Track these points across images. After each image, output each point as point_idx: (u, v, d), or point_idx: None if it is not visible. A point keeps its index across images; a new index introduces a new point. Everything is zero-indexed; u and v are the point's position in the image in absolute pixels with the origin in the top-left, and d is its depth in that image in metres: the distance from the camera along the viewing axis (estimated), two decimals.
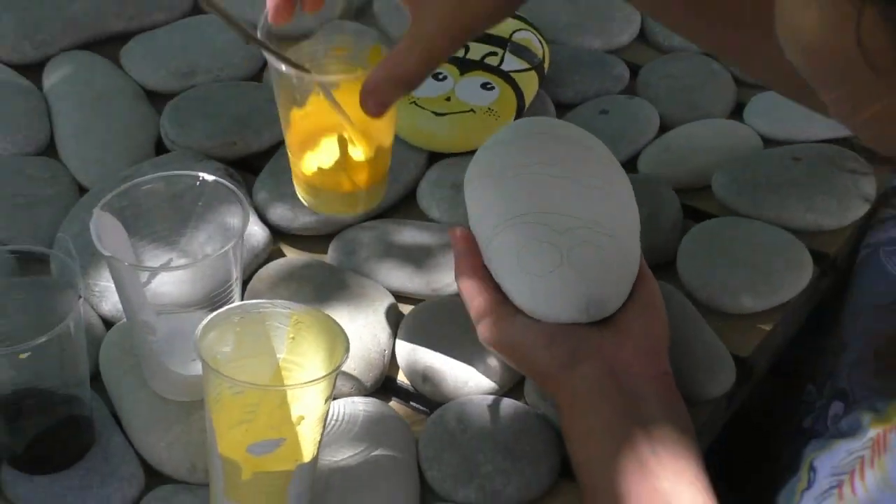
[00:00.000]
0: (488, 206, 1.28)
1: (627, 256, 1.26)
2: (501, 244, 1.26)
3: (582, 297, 1.23)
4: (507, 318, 1.24)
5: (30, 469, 1.22)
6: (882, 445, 0.86)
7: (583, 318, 1.24)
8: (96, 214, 1.22)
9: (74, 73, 1.54)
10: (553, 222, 1.25)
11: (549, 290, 1.24)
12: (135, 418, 1.26)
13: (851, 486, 0.85)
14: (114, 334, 1.32)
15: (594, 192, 1.28)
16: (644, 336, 1.24)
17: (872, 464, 0.85)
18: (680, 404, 1.22)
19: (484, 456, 1.24)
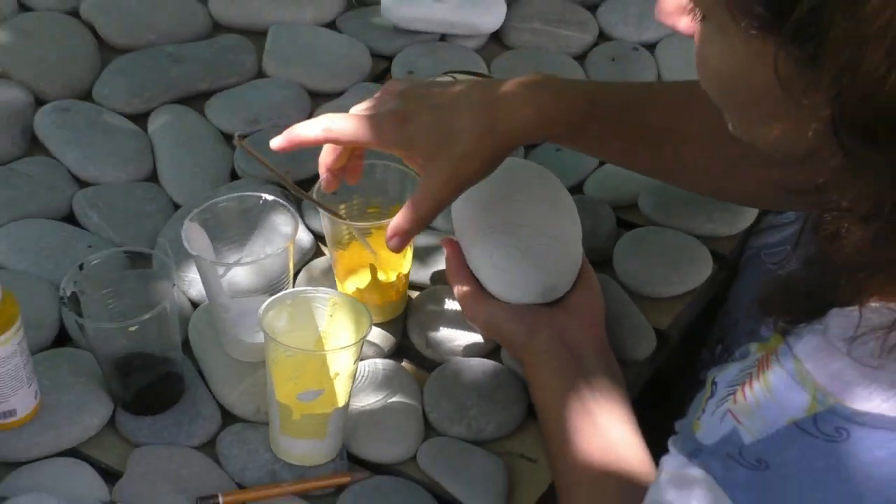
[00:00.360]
0: (468, 221, 1.29)
1: (572, 255, 1.28)
2: (478, 248, 1.27)
3: (538, 285, 1.25)
4: (484, 302, 1.26)
5: (137, 412, 1.23)
6: (765, 364, 0.86)
7: (539, 300, 1.26)
8: (186, 224, 1.24)
9: (171, 121, 1.54)
10: (516, 232, 1.26)
11: (514, 280, 1.25)
12: (214, 374, 1.27)
13: (743, 393, 0.86)
14: (199, 313, 1.32)
15: (547, 209, 1.29)
16: (585, 312, 1.25)
17: (758, 377, 0.86)
18: (613, 362, 1.23)
19: (471, 402, 1.25)
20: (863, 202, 0.77)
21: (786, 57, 0.79)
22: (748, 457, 0.83)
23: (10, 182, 1.45)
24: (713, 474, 0.83)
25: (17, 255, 1.37)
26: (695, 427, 0.88)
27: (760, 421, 0.84)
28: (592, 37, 1.70)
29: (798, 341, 0.85)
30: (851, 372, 0.82)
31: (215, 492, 1.16)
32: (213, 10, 1.70)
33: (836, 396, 0.82)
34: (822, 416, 0.81)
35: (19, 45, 1.63)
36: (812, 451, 0.81)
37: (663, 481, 0.88)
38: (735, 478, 0.82)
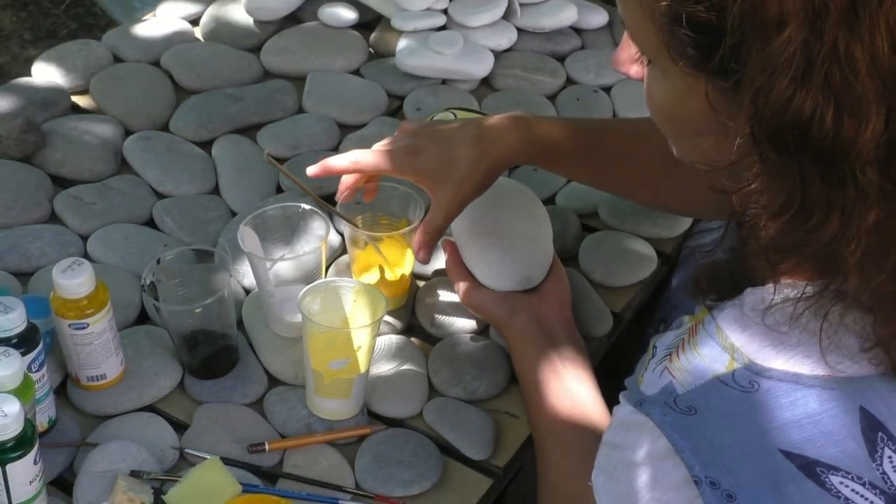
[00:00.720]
0: (463, 227, 1.27)
1: (545, 252, 1.26)
2: (471, 248, 1.26)
3: (518, 276, 1.24)
4: (475, 289, 1.25)
5: (201, 376, 1.22)
6: (694, 331, 0.87)
7: (518, 288, 1.24)
8: (241, 228, 1.23)
9: (230, 147, 1.53)
10: (500, 235, 1.25)
11: (498, 272, 1.24)
12: (262, 347, 1.25)
13: (677, 354, 0.86)
14: (250, 298, 1.31)
15: (525, 217, 1.28)
16: (555, 297, 1.24)
17: (689, 341, 0.86)
18: (578, 337, 1.22)
19: (466, 370, 1.23)
20: (777, 198, 0.78)
21: (713, 88, 0.79)
22: (681, 404, 0.82)
23: (104, 195, 1.44)
24: (653, 419, 0.83)
25: (109, 252, 1.36)
26: (639, 381, 0.88)
27: (690, 376, 0.84)
28: (561, 81, 1.69)
29: (720, 313, 0.86)
30: (763, 336, 0.83)
31: (263, 440, 1.15)
32: (265, 60, 1.69)
33: (750, 356, 0.82)
34: (739, 372, 0.82)
35: (113, 88, 1.62)
36: (731, 400, 0.81)
37: (614, 426, 0.88)
38: (671, 420, 0.82)
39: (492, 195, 1.27)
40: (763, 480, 0.79)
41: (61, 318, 1.14)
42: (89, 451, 1.12)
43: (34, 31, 3.30)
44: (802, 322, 0.81)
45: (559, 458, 1.11)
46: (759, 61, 0.74)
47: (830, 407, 0.80)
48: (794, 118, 0.74)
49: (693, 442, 0.80)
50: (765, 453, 0.79)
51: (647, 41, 0.83)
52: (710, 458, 0.80)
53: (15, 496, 1.01)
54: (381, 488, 1.12)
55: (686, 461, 0.80)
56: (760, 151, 0.77)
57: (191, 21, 1.76)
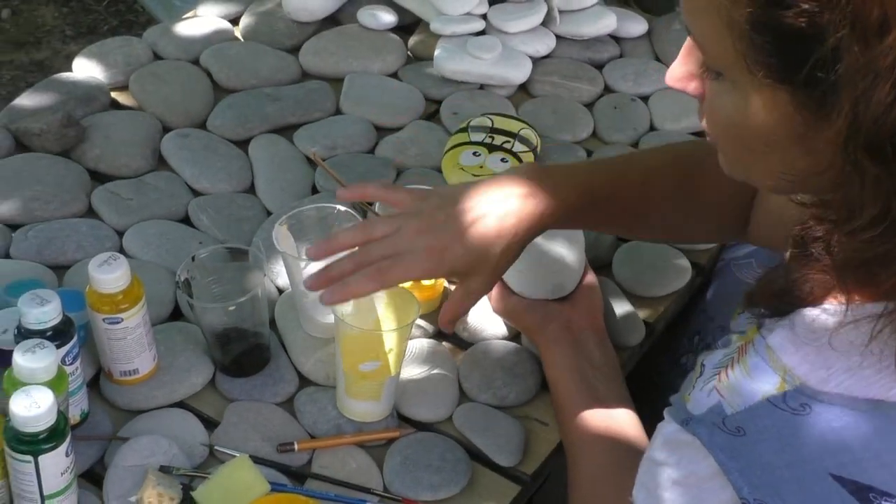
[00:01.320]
0: None
1: (578, 260, 1.25)
2: None
3: (550, 284, 1.23)
4: (507, 297, 1.24)
5: (232, 374, 1.22)
6: (744, 351, 0.85)
7: (550, 296, 1.23)
8: (276, 228, 1.23)
9: (267, 146, 1.53)
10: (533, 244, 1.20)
11: (531, 280, 1.23)
12: (293, 346, 1.25)
13: (726, 374, 0.85)
14: (283, 298, 1.30)
15: None
16: (586, 306, 1.23)
17: (739, 361, 0.85)
18: (609, 346, 1.21)
19: (496, 375, 1.23)
20: (870, 209, 0.75)
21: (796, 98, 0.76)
22: (729, 425, 0.81)
23: (141, 191, 1.45)
24: (700, 438, 0.82)
25: (144, 248, 1.36)
26: (686, 400, 0.87)
27: (739, 396, 0.82)
28: (599, 89, 1.68)
29: (770, 333, 0.84)
30: (815, 359, 0.81)
31: (292, 440, 1.15)
32: (303, 61, 1.69)
33: (801, 378, 0.80)
34: (789, 394, 0.80)
35: (152, 85, 1.62)
36: (781, 422, 0.80)
37: (658, 443, 0.87)
38: (719, 441, 0.81)
39: None
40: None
41: (96, 313, 1.14)
42: (120, 445, 1.12)
43: (76, 26, 3.32)
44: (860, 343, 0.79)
45: (590, 468, 1.10)
46: (859, 68, 0.71)
47: (884, 432, 0.79)
48: (895, 126, 0.72)
49: (741, 463, 0.80)
50: (815, 477, 0.78)
51: (719, 52, 0.79)
52: (759, 479, 0.79)
53: (46, 487, 1.01)
54: (409, 491, 1.12)
55: (734, 482, 0.79)
56: (855, 161, 0.74)
57: (231, 20, 1.77)
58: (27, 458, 0.99)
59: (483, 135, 1.50)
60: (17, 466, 1.00)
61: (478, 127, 1.51)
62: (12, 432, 0.99)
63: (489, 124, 1.51)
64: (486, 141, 1.49)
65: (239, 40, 1.74)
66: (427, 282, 1.27)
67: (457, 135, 1.51)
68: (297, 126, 1.57)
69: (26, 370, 1.02)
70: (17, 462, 1.00)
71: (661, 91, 1.67)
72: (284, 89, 1.62)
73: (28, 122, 1.49)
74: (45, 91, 1.58)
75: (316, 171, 1.48)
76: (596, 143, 1.60)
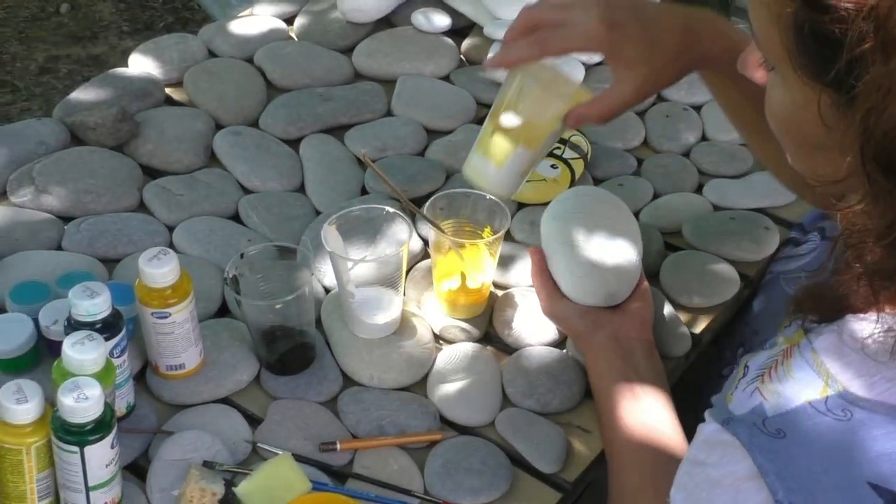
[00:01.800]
0: (553, 235, 1.26)
1: (632, 270, 1.24)
2: (558, 257, 1.24)
3: (602, 291, 1.22)
4: (558, 301, 1.23)
5: (278, 372, 1.22)
6: (789, 353, 0.85)
7: (601, 304, 1.22)
8: (325, 227, 1.23)
9: (318, 146, 1.53)
10: (589, 247, 1.23)
11: (584, 286, 1.22)
12: (339, 346, 1.25)
13: (769, 375, 0.85)
14: (330, 297, 1.31)
15: (616, 231, 1.26)
16: (637, 316, 1.22)
17: (783, 363, 0.85)
18: (657, 357, 1.20)
19: (540, 381, 1.22)
20: (882, 221, 0.76)
21: (828, 100, 0.78)
22: (770, 427, 0.81)
23: (192, 187, 1.46)
24: (740, 439, 0.82)
25: (194, 244, 1.37)
26: (728, 399, 0.87)
27: (782, 398, 0.82)
28: (651, 100, 1.67)
29: (817, 338, 0.84)
30: (860, 365, 0.81)
31: (335, 439, 1.15)
32: (356, 62, 1.70)
33: (844, 384, 0.81)
34: (832, 399, 0.80)
35: (206, 82, 1.63)
36: (822, 427, 0.80)
37: (699, 442, 0.87)
38: (758, 442, 0.81)
39: (586, 206, 1.26)
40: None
41: (145, 307, 1.15)
42: (164, 439, 1.13)
43: (132, 22, 3.35)
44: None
45: (633, 479, 1.10)
46: (876, 80, 0.73)
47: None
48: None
49: (779, 466, 0.79)
50: (853, 484, 0.78)
51: (771, 46, 0.82)
52: (796, 484, 0.79)
53: (91, 478, 1.02)
54: (450, 495, 1.11)
55: (770, 485, 0.79)
56: (867, 172, 0.75)
57: (285, 20, 1.78)
58: (73, 449, 1.00)
59: None
60: (64, 457, 1.01)
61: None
62: (59, 423, 1.00)
63: None
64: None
65: (293, 40, 1.74)
66: (473, 285, 1.27)
67: None
68: (349, 127, 1.57)
69: (75, 361, 1.03)
70: (63, 452, 1.01)
71: (713, 101, 1.65)
72: (336, 90, 1.62)
73: (83, 116, 1.50)
74: (101, 86, 1.60)
75: (366, 173, 1.48)
76: (647, 151, 1.59)
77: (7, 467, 1.02)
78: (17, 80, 3.10)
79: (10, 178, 1.43)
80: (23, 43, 3.25)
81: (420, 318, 1.29)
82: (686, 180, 1.52)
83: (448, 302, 1.29)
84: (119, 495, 1.07)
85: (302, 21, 1.76)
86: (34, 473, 1.03)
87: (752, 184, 1.50)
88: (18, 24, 3.32)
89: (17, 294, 1.22)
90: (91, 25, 3.33)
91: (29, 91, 3.06)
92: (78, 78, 3.07)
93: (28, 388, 1.01)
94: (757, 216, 1.44)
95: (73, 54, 3.21)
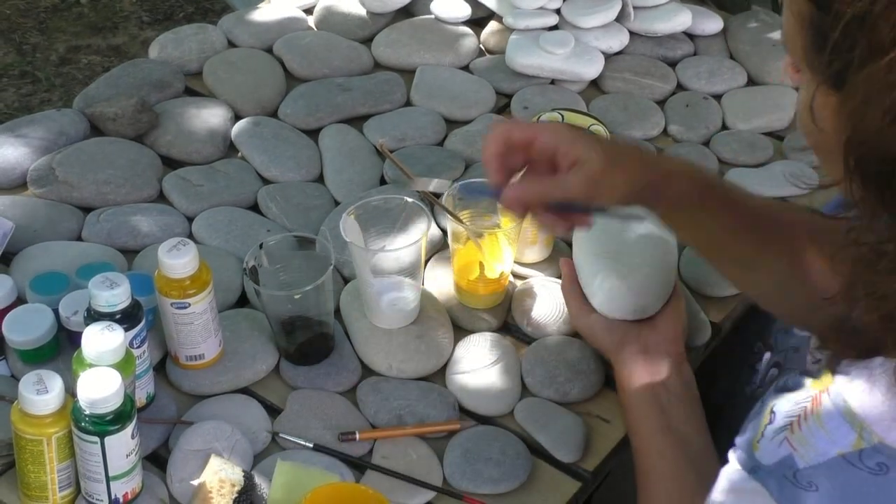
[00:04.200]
0: (584, 247, 1.26)
1: (664, 282, 1.24)
2: (588, 269, 1.24)
3: (631, 305, 1.21)
4: (587, 314, 1.23)
5: (297, 362, 1.23)
6: (818, 401, 0.82)
7: (631, 317, 1.21)
8: (343, 217, 1.23)
9: (336, 136, 1.53)
10: (620, 259, 1.23)
11: (613, 299, 1.22)
12: (358, 336, 1.25)
13: (798, 424, 0.82)
14: (349, 287, 1.31)
15: (648, 242, 1.26)
16: (669, 330, 1.20)
17: (812, 411, 0.81)
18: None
19: (559, 371, 1.22)
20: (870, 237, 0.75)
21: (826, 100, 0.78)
22: (801, 479, 0.79)
23: (211, 177, 1.46)
24: (769, 490, 0.80)
25: (213, 234, 1.38)
26: (754, 448, 0.84)
27: (813, 451, 0.80)
28: (671, 87, 1.67)
29: (847, 384, 0.81)
30: (894, 414, 0.78)
31: (354, 429, 1.15)
32: (375, 52, 1.69)
33: (879, 436, 0.78)
34: (866, 452, 0.77)
35: (225, 72, 1.64)
36: (857, 481, 0.77)
37: (725, 489, 0.85)
38: (788, 494, 0.79)
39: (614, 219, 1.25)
40: None
41: (164, 297, 1.16)
42: (184, 429, 1.14)
43: (152, 13, 3.36)
44: None
45: (661, 496, 1.08)
46: (858, 81, 0.72)
47: None
48: (882, 152, 0.72)
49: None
50: None
51: (794, 46, 0.82)
52: None
53: (112, 468, 1.03)
54: (469, 484, 1.12)
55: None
56: (852, 183, 0.74)
57: (305, 10, 1.78)
58: (94, 439, 1.01)
59: None
60: (84, 447, 1.02)
61: (548, 122, 1.50)
62: (80, 413, 1.01)
63: (559, 119, 1.50)
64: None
65: (312, 30, 1.74)
66: (492, 275, 1.27)
67: None
68: (368, 117, 1.57)
69: (95, 352, 1.04)
70: (83, 443, 1.02)
71: (734, 90, 1.65)
72: (356, 80, 1.62)
73: (103, 107, 1.51)
74: (121, 76, 1.60)
75: (385, 163, 1.48)
76: (667, 140, 1.58)
77: (28, 458, 1.03)
78: (38, 70, 3.11)
79: (30, 169, 1.44)
80: (43, 34, 3.26)
81: (439, 308, 1.29)
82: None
83: (467, 292, 1.29)
84: (139, 485, 1.07)
85: (321, 11, 1.76)
86: (55, 464, 1.04)
87: (772, 173, 1.49)
88: (39, 15, 3.33)
89: (38, 285, 1.23)
90: (111, 16, 3.34)
91: (49, 82, 3.07)
92: (98, 69, 3.07)
93: (48, 378, 1.02)
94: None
95: (94, 45, 3.22)
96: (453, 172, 1.46)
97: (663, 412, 1.12)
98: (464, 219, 1.27)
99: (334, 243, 1.30)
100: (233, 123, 1.55)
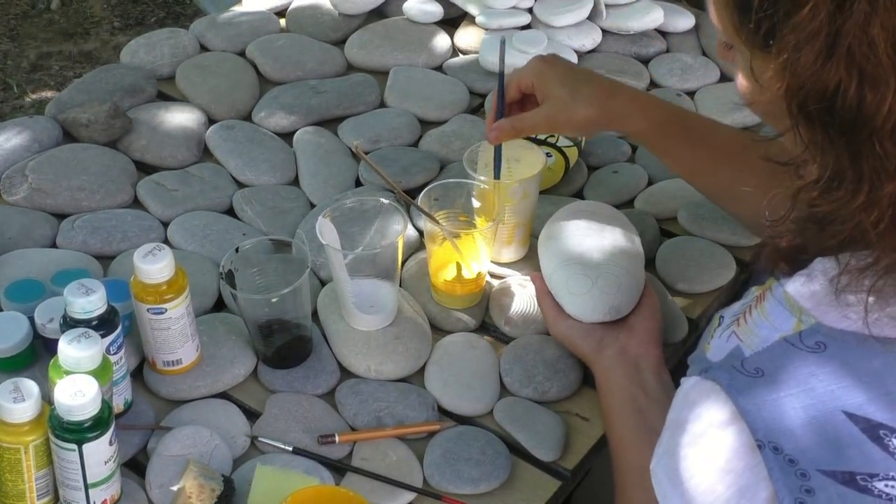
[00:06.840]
0: (551, 256, 1.27)
1: (634, 281, 1.24)
2: (558, 277, 1.24)
3: (605, 307, 1.22)
4: (562, 320, 1.23)
5: (275, 365, 1.22)
6: (761, 298, 0.88)
7: (605, 319, 1.22)
8: (319, 220, 1.23)
9: (311, 138, 1.53)
10: (587, 263, 1.24)
11: (585, 303, 1.22)
12: (336, 338, 1.25)
13: (744, 318, 0.87)
14: (326, 290, 1.30)
15: (614, 244, 1.26)
16: (645, 331, 1.21)
17: (756, 306, 0.87)
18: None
19: (537, 369, 1.22)
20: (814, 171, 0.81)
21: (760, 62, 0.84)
22: (748, 367, 0.84)
23: (185, 182, 1.46)
24: (720, 383, 0.84)
25: (189, 239, 1.37)
26: (705, 349, 0.89)
27: (758, 338, 0.85)
28: (645, 84, 1.67)
29: (787, 281, 0.87)
30: (829, 300, 0.83)
31: (333, 432, 1.15)
32: (348, 54, 1.70)
33: (817, 317, 0.84)
34: (805, 333, 0.83)
35: (198, 76, 1.63)
36: (798, 360, 0.83)
37: (677, 403, 0.89)
38: (738, 384, 0.83)
39: (582, 221, 1.27)
40: (825, 445, 0.80)
41: (140, 303, 1.15)
42: (163, 435, 1.13)
43: (123, 18, 3.35)
44: (866, 286, 0.82)
45: (639, 497, 1.07)
46: (786, 34, 0.78)
47: (893, 368, 0.82)
48: (819, 91, 0.77)
49: (758, 404, 0.81)
50: (828, 415, 0.80)
51: (724, 23, 0.88)
52: (774, 422, 0.81)
53: (90, 475, 1.02)
54: (449, 485, 1.12)
55: (751, 425, 0.81)
56: (794, 124, 0.80)
57: (277, 12, 1.78)
58: (71, 447, 1.01)
59: None
60: (62, 454, 1.01)
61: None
62: (57, 420, 1.00)
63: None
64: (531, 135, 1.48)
65: (285, 32, 1.74)
66: (469, 275, 1.27)
67: None
68: (342, 119, 1.57)
69: (71, 359, 1.03)
70: (61, 450, 1.01)
71: (707, 86, 1.66)
72: (329, 82, 1.62)
73: (76, 113, 1.50)
74: (93, 82, 1.60)
75: (359, 165, 1.48)
76: None
77: (5, 466, 1.03)
78: (9, 77, 3.09)
79: (2, 177, 1.43)
80: (14, 40, 3.24)
81: (416, 309, 1.29)
82: None
83: (444, 292, 1.29)
84: (118, 492, 1.07)
85: (293, 13, 1.76)
86: (33, 472, 1.03)
87: None
88: (9, 22, 3.32)
89: (12, 292, 1.23)
90: (82, 22, 3.33)
91: (21, 89, 3.05)
92: (70, 74, 3.06)
93: (25, 386, 1.01)
94: None
95: (65, 50, 3.21)
96: (429, 173, 1.46)
97: (641, 413, 1.13)
98: (440, 219, 1.27)
99: (310, 246, 1.30)
100: (206, 127, 1.55)
